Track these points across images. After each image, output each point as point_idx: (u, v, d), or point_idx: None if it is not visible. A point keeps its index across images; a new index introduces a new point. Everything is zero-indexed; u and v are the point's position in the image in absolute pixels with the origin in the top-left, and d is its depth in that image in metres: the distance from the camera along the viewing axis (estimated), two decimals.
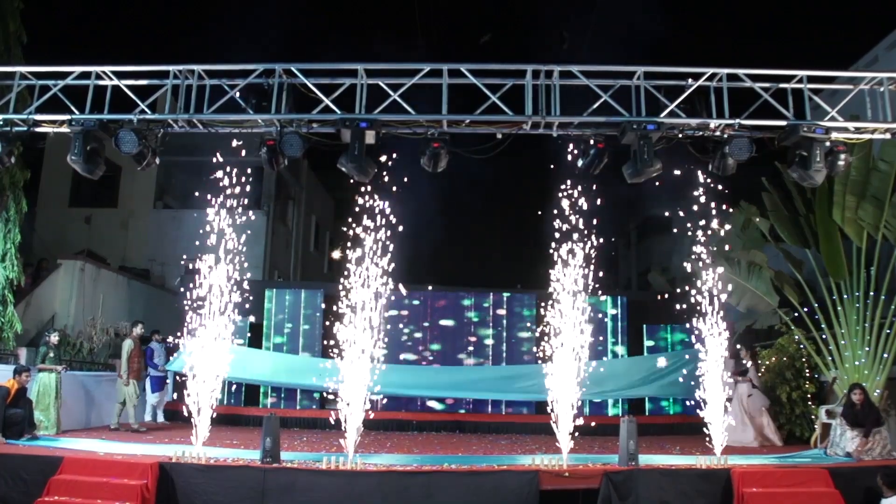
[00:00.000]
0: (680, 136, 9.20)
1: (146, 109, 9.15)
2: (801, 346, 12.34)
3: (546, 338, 8.62)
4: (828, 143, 8.85)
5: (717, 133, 9.11)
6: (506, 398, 13.66)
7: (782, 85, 9.21)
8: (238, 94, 9.04)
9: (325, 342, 13.75)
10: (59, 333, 11.31)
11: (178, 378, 12.55)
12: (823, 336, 12.02)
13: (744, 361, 11.77)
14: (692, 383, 9.08)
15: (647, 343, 14.36)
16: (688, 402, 12.85)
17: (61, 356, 11.68)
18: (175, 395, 12.96)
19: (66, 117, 9.15)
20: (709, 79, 9.08)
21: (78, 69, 9.25)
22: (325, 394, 13.38)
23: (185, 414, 8.24)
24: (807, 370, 12.17)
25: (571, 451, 8.24)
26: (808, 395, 11.97)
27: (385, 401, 13.24)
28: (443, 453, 9.31)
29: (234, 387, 13.82)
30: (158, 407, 13.15)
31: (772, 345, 12.93)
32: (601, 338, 14.00)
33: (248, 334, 14.12)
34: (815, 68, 9.16)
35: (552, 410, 8.39)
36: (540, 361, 10.97)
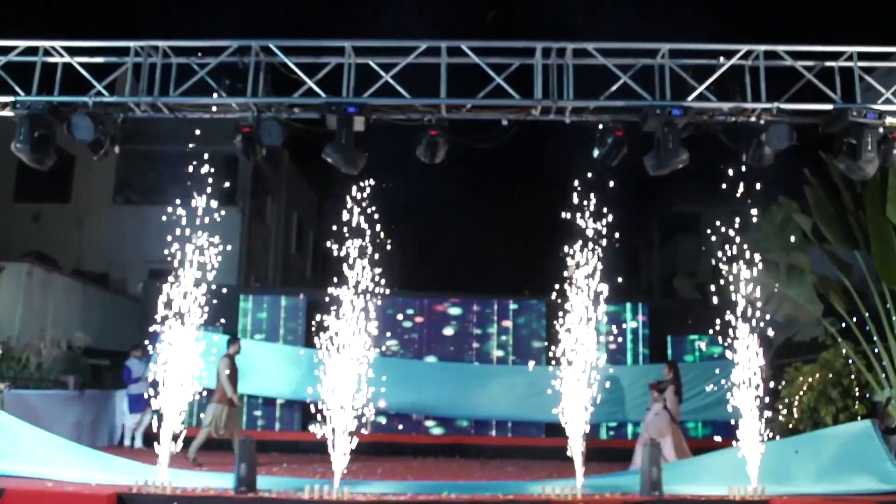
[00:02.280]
0: (710, 122, 9.23)
1: (103, 91, 9.17)
2: (850, 362, 12.33)
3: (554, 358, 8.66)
4: (881, 130, 8.87)
5: (753, 119, 9.14)
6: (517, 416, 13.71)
7: (828, 63, 9.23)
8: (209, 75, 9.08)
9: None
10: (1, 346, 11.33)
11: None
12: (875, 350, 12.02)
13: (667, 379, 11.67)
14: (727, 403, 9.07)
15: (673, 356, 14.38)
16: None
17: (4, 372, 11.69)
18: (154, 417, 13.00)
19: (10, 99, 9.15)
20: (743, 57, 9.12)
21: (23, 44, 9.26)
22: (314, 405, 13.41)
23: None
24: (856, 389, 12.15)
25: (586, 474, 8.26)
26: (858, 418, 11.97)
27: (378, 420, 13.27)
28: (441, 480, 9.34)
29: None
30: (137, 430, 13.17)
31: (815, 359, 12.92)
32: (619, 351, 14.03)
33: (215, 350, 14.12)
34: (867, 44, 9.19)
35: (566, 423, 8.43)
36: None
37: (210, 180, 8.78)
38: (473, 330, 14.59)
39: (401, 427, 13.95)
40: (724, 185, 9.56)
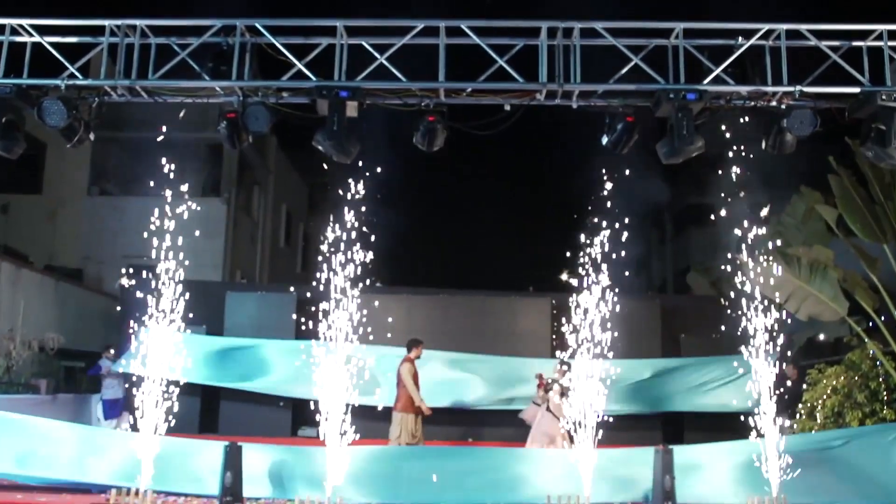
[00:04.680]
0: (727, 107, 9.23)
1: (76, 73, 9.14)
2: (877, 363, 12.35)
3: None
4: None
5: (774, 103, 9.14)
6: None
7: (856, 43, 9.20)
8: (191, 57, 9.06)
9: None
10: None
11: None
12: None
13: (554, 378, 11.63)
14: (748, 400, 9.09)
15: (686, 357, 14.41)
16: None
17: None
18: (131, 420, 13.04)
19: None
20: (763, 37, 9.11)
21: None
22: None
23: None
24: (884, 392, 12.18)
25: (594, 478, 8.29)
26: (887, 423, 12.00)
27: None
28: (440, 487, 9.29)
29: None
30: None
31: (839, 361, 12.94)
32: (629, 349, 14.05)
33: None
34: None
35: (575, 431, 8.47)
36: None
37: (193, 170, 8.80)
38: (475, 327, 14.60)
39: None
40: (742, 175, 9.58)
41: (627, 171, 9.22)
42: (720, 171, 9.79)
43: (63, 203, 21.12)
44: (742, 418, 9.18)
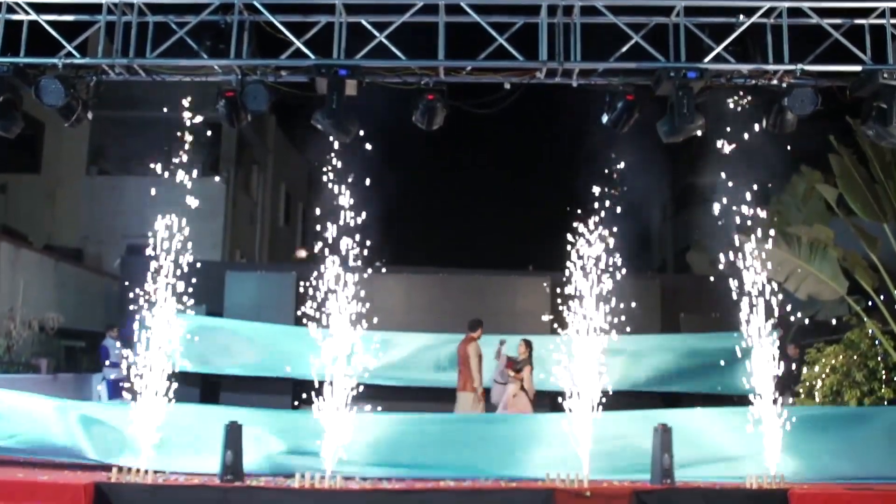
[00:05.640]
0: (728, 85, 9.21)
1: (74, 52, 9.11)
2: (876, 342, 12.40)
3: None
4: None
5: (775, 82, 9.12)
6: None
7: (858, 20, 9.16)
8: (189, 35, 9.02)
9: None
10: None
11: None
12: None
13: (519, 357, 11.67)
14: (742, 378, 9.12)
15: (686, 336, 14.43)
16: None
17: None
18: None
19: None
20: (765, 14, 9.06)
21: None
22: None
23: None
24: (882, 371, 12.22)
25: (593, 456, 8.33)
26: (885, 402, 12.04)
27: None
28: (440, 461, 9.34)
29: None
30: None
31: (839, 340, 12.98)
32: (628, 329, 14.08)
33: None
34: None
35: (570, 410, 8.52)
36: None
37: (191, 149, 8.79)
38: (475, 306, 14.62)
39: None
40: (742, 154, 9.57)
41: (627, 151, 9.20)
42: (721, 150, 9.77)
43: (62, 183, 21.10)
44: (740, 398, 9.24)
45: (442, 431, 9.26)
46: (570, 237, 9.07)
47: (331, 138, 9.04)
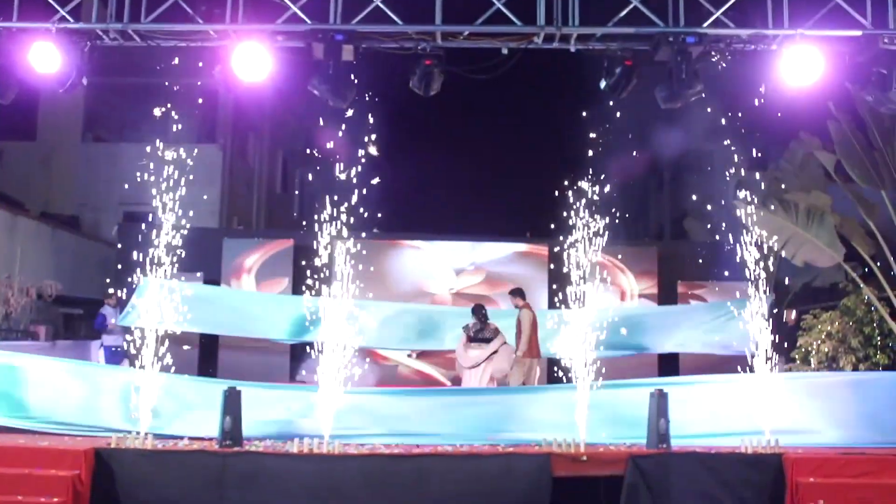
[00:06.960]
0: (727, 50, 9.15)
1: (67, 17, 9.00)
2: (872, 309, 12.44)
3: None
4: None
5: (774, 47, 9.07)
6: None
7: None
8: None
9: None
10: None
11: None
12: None
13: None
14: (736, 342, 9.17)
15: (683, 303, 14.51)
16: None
17: None
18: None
19: None
20: None
21: None
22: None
23: None
24: (878, 337, 12.29)
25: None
26: (880, 368, 12.12)
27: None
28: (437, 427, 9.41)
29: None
30: None
31: (835, 306, 13.04)
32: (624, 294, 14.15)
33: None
34: None
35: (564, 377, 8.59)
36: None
37: (188, 115, 8.74)
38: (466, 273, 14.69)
39: None
40: (740, 121, 9.54)
41: (625, 117, 9.16)
42: (718, 117, 9.74)
43: (57, 150, 20.98)
44: (738, 362, 9.30)
45: (440, 400, 9.35)
46: (567, 206, 9.08)
47: (329, 103, 9.00)
